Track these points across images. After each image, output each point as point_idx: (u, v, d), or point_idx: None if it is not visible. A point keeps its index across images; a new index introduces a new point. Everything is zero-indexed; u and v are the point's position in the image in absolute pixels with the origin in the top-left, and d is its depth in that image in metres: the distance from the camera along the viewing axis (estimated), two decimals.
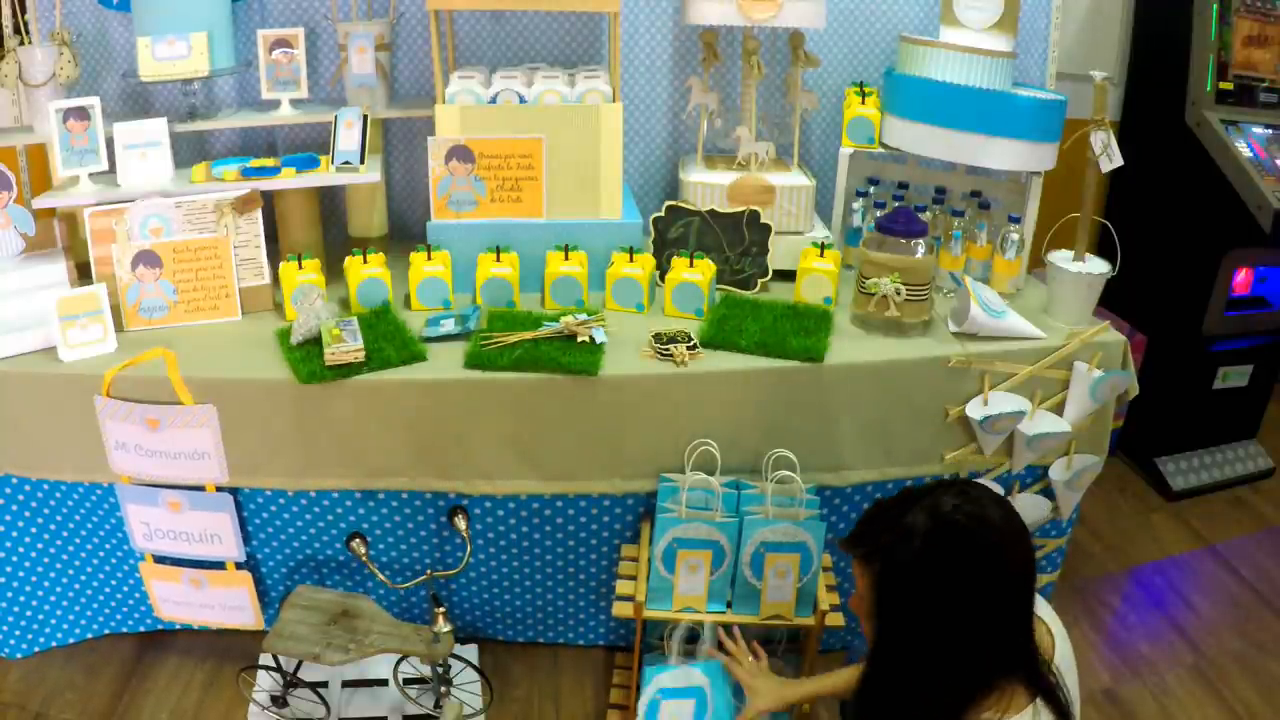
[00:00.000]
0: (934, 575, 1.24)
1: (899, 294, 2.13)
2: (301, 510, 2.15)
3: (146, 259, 2.14)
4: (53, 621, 2.30)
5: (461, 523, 2.08)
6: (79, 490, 2.13)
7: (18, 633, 2.29)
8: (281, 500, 2.14)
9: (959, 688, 1.26)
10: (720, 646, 1.96)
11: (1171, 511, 3.04)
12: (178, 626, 2.34)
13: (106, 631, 2.35)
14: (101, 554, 2.23)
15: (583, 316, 2.13)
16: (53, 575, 2.24)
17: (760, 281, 2.40)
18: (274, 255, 2.36)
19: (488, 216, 2.33)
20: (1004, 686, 1.26)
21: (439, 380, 2.02)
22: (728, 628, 1.97)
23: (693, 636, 2.06)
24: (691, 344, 2.09)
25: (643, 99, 2.69)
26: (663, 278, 2.35)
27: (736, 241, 2.38)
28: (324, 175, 2.32)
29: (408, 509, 2.16)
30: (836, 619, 1.94)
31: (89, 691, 2.23)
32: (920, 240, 2.13)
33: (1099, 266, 2.26)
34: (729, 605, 1.98)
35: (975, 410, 2.14)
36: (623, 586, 2.02)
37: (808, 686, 1.86)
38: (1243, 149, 2.71)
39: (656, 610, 1.97)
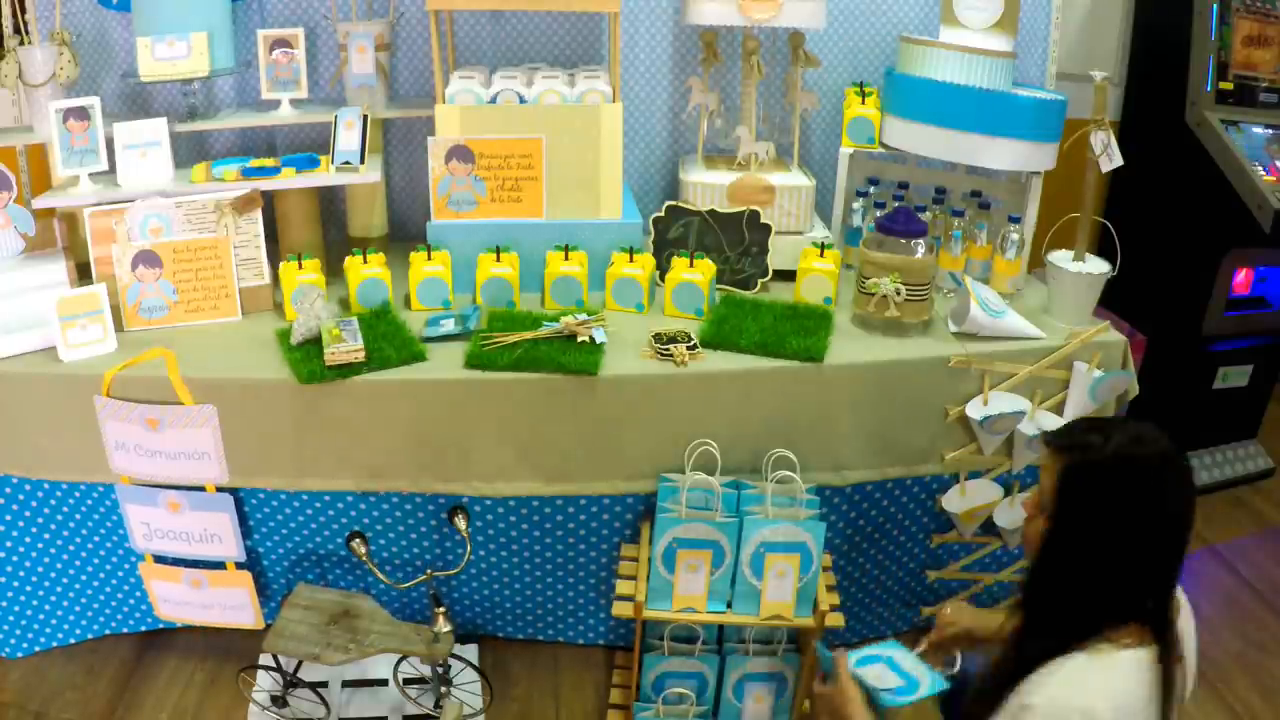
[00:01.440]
0: (1118, 480, 1.32)
1: (899, 294, 2.13)
2: (301, 510, 2.15)
3: (146, 259, 2.14)
4: (53, 622, 2.30)
5: (461, 522, 2.08)
6: (79, 490, 2.13)
7: (18, 633, 2.29)
8: (281, 500, 2.14)
9: (1112, 597, 1.33)
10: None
11: None
12: (178, 626, 2.34)
13: (107, 632, 2.35)
14: (101, 554, 2.23)
15: (583, 316, 2.13)
16: (53, 575, 2.24)
17: (760, 281, 2.40)
18: (274, 255, 2.36)
19: (488, 216, 2.33)
20: (1141, 629, 1.33)
21: (439, 380, 2.02)
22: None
23: (691, 637, 2.06)
24: (691, 344, 2.09)
25: (643, 99, 2.69)
26: (663, 278, 2.35)
27: (736, 241, 2.38)
28: (324, 175, 2.32)
29: (408, 509, 2.16)
30: (836, 619, 1.93)
31: (89, 691, 2.23)
32: (920, 240, 2.13)
33: (1099, 266, 2.26)
34: (729, 605, 1.98)
35: (975, 410, 2.14)
36: (623, 586, 2.02)
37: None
38: (1243, 149, 2.71)
39: (656, 610, 1.97)
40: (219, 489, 2.06)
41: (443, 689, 2.07)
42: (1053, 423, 2.17)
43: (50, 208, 2.23)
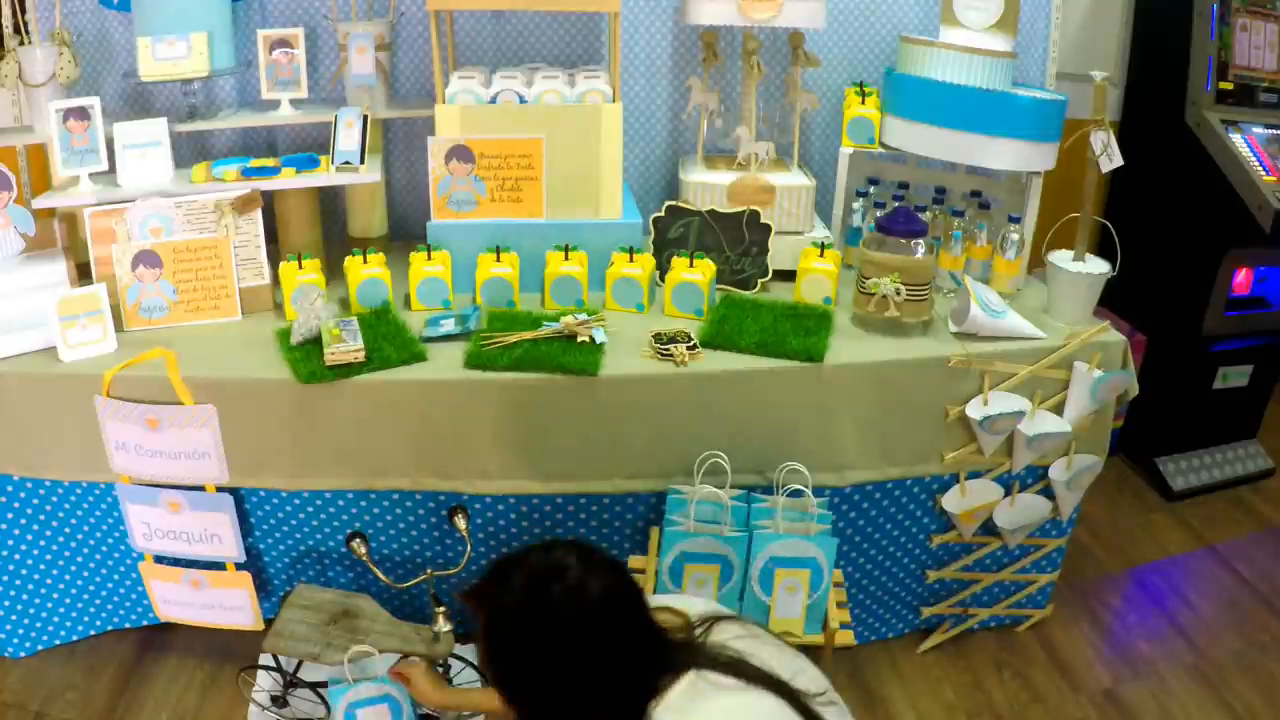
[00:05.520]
0: (525, 629, 1.27)
1: (899, 294, 2.13)
2: (301, 510, 2.15)
3: (146, 259, 2.14)
4: (54, 621, 2.30)
5: (461, 522, 2.08)
6: (79, 490, 2.13)
7: (20, 633, 2.29)
8: (281, 500, 2.14)
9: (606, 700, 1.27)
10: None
11: (1171, 511, 3.04)
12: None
13: (109, 628, 2.35)
14: (101, 553, 2.22)
15: (583, 316, 2.13)
16: (53, 575, 2.24)
17: (760, 281, 2.40)
18: (274, 255, 2.36)
19: (488, 216, 2.33)
20: (664, 684, 1.28)
21: (439, 380, 2.02)
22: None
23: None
24: (691, 344, 2.09)
25: (643, 99, 2.69)
26: (663, 278, 2.35)
27: (736, 241, 2.38)
28: (324, 175, 2.32)
29: (407, 508, 2.16)
30: (847, 636, 1.91)
31: (89, 691, 2.23)
32: (920, 240, 2.13)
33: (1099, 266, 2.26)
34: None
35: (975, 410, 2.14)
36: None
37: (463, 696, 1.94)
38: (1243, 149, 2.71)
39: None
40: (219, 489, 2.07)
41: None
42: (1053, 423, 2.17)
43: (50, 208, 2.23)
